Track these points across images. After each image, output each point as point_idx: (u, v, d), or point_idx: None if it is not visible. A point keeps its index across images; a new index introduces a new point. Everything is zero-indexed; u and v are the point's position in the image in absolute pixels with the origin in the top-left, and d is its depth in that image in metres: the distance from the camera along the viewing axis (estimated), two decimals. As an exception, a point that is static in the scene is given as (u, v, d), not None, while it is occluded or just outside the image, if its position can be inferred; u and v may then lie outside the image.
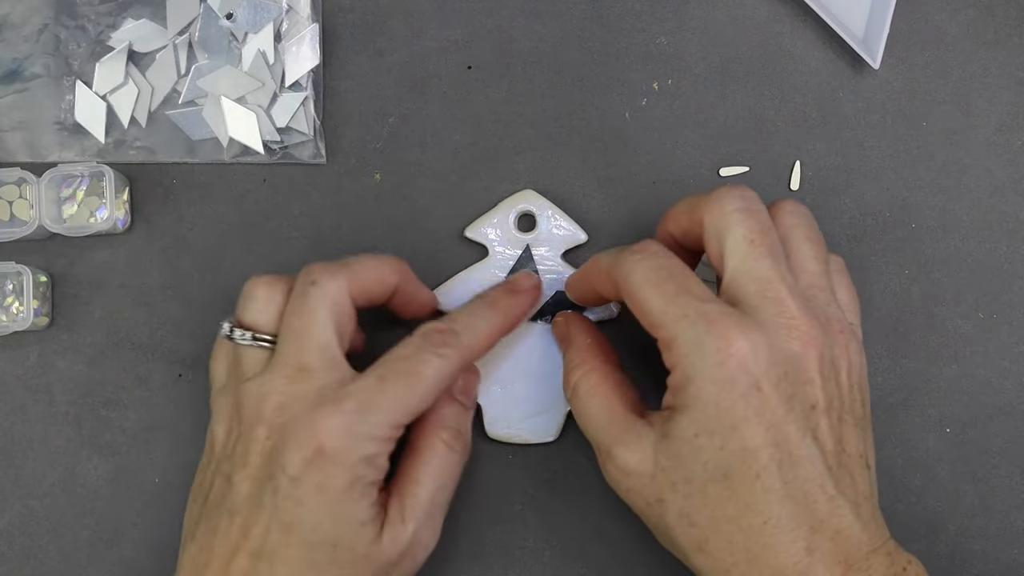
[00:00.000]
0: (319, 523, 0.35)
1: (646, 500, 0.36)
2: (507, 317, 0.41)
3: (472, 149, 0.46)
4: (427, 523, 0.38)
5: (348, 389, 0.36)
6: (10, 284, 0.45)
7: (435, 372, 0.37)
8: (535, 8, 0.47)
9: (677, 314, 0.35)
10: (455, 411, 0.40)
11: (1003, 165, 0.46)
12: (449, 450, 0.39)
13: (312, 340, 0.37)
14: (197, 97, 0.45)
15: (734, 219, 0.36)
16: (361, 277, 0.38)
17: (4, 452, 0.45)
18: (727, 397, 0.33)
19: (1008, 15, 0.47)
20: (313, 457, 0.35)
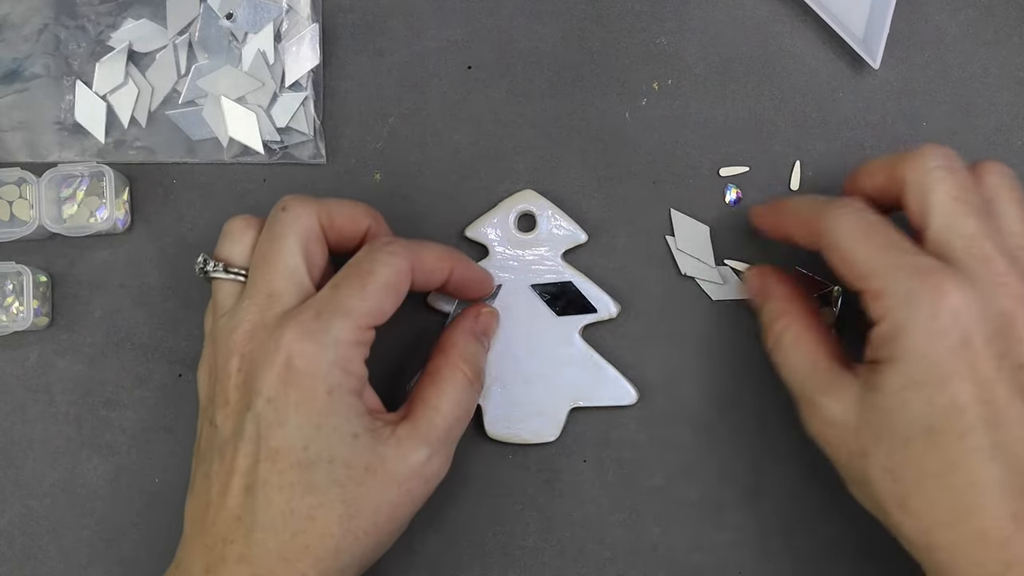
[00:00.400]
0: (308, 440, 0.35)
1: (849, 452, 0.35)
2: (460, 259, 0.40)
3: (472, 149, 0.46)
4: (440, 450, 0.38)
5: (306, 303, 0.36)
6: (10, 284, 0.45)
7: (386, 268, 0.37)
8: (535, 8, 0.47)
9: (888, 265, 0.34)
10: (477, 348, 0.41)
11: (1003, 165, 0.46)
12: (469, 384, 0.39)
13: (279, 265, 0.37)
14: (197, 97, 0.45)
15: (937, 176, 0.35)
16: (332, 210, 0.38)
17: (4, 452, 0.45)
18: (938, 350, 0.33)
19: (1008, 15, 0.47)
20: (284, 373, 0.35)
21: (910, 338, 0.33)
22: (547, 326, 0.44)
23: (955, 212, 0.35)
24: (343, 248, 0.40)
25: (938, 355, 0.33)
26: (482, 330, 0.42)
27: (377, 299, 0.36)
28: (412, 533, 0.44)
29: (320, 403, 0.35)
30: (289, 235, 0.37)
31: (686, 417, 0.45)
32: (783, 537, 0.44)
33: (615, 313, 0.44)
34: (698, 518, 0.44)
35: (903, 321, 0.34)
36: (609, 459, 0.45)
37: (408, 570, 0.44)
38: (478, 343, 0.41)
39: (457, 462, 0.45)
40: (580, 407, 0.44)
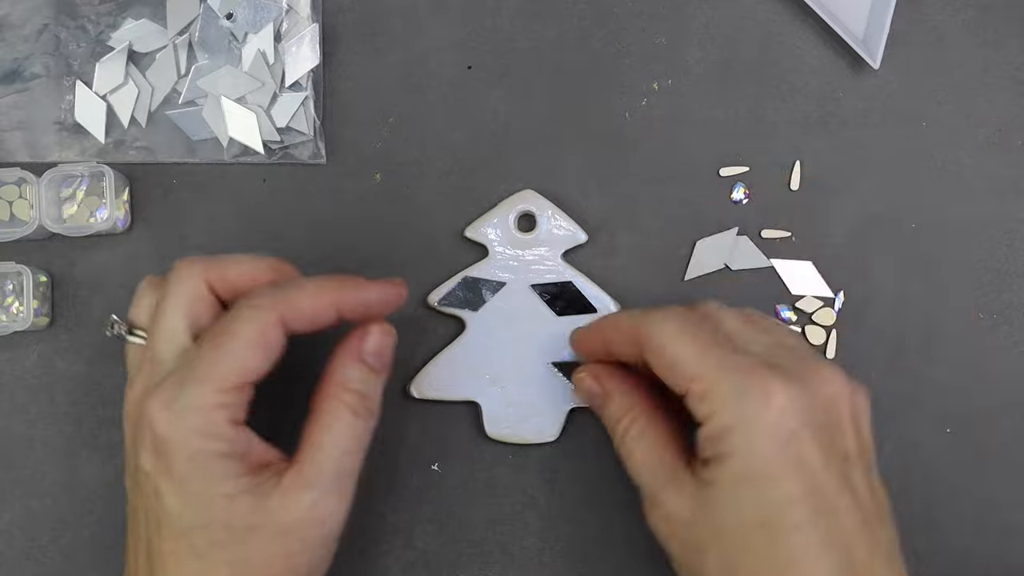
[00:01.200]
0: (181, 510, 0.34)
1: (685, 547, 0.36)
2: (344, 288, 0.37)
3: (472, 149, 0.46)
4: (331, 490, 0.36)
5: (171, 368, 0.35)
6: (10, 284, 0.45)
7: (248, 325, 0.35)
8: (535, 8, 0.47)
9: (714, 365, 0.35)
10: (360, 373, 0.37)
11: (1003, 165, 0.46)
12: (352, 414, 0.37)
13: (161, 331, 0.36)
14: (197, 97, 0.45)
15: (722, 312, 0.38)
16: (226, 268, 0.37)
17: (4, 452, 0.45)
18: (767, 447, 0.33)
19: (1008, 15, 0.47)
20: (152, 444, 0.34)
21: (739, 435, 0.34)
22: (547, 326, 0.44)
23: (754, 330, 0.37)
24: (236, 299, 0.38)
25: (767, 451, 0.33)
26: (372, 351, 0.38)
27: (238, 359, 0.35)
28: (412, 532, 0.44)
29: (183, 471, 0.34)
30: (171, 298, 0.36)
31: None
32: (783, 537, 0.44)
33: (615, 313, 0.44)
34: (698, 518, 0.44)
35: (732, 419, 0.34)
36: (609, 459, 0.45)
37: (408, 569, 0.44)
38: (364, 366, 0.38)
39: (457, 462, 0.45)
40: (580, 407, 0.44)
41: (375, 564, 0.44)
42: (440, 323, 0.45)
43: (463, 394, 0.44)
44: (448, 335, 0.45)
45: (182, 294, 0.36)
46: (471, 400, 0.44)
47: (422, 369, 0.44)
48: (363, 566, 0.44)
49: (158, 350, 0.36)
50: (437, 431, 0.45)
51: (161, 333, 0.36)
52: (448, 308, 0.44)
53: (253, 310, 0.35)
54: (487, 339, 0.44)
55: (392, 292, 0.39)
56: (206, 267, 0.37)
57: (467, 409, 0.45)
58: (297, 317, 0.36)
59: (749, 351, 0.36)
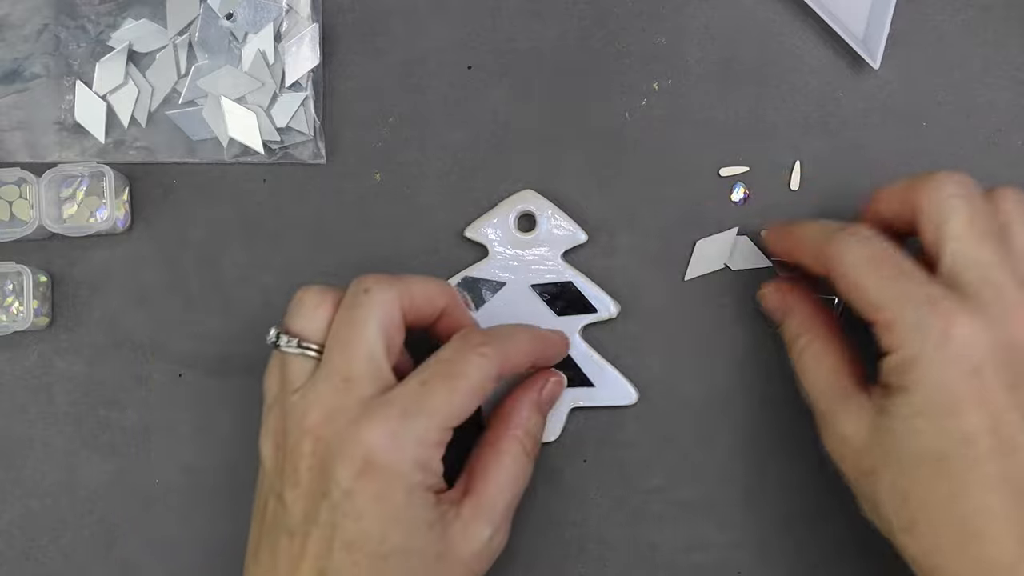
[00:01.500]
0: (385, 534, 0.35)
1: (859, 470, 0.36)
2: (540, 337, 0.41)
3: (472, 149, 0.46)
4: (502, 526, 0.38)
5: (391, 395, 0.36)
6: (10, 284, 0.45)
7: (477, 371, 0.37)
8: (535, 8, 0.47)
9: (898, 295, 0.34)
10: (538, 417, 0.41)
11: (1003, 165, 0.46)
12: (527, 457, 0.39)
13: (359, 350, 0.36)
14: (197, 97, 0.45)
15: (953, 205, 0.35)
16: (413, 292, 0.38)
17: (4, 452, 0.45)
18: (948, 380, 0.33)
19: (1008, 15, 0.47)
20: (363, 468, 0.34)
21: (920, 368, 0.33)
22: (547, 326, 0.44)
23: (969, 241, 0.35)
24: (417, 327, 0.40)
25: (949, 385, 0.33)
26: (547, 399, 0.41)
27: (464, 403, 0.36)
28: (412, 533, 0.44)
29: (399, 500, 0.35)
30: (371, 320, 0.36)
31: (686, 417, 0.45)
32: (783, 537, 0.44)
33: (615, 313, 0.44)
34: (698, 518, 0.44)
35: (913, 351, 0.34)
36: (609, 459, 0.45)
37: (408, 570, 0.44)
38: (540, 415, 0.41)
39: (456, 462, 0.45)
40: (580, 407, 0.44)
41: None
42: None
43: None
44: (448, 335, 0.45)
45: (381, 316, 0.37)
46: None
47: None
48: (363, 566, 0.44)
49: (354, 370, 0.36)
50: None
51: (359, 353, 0.36)
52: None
53: (483, 359, 0.37)
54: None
55: (564, 346, 0.43)
56: (400, 290, 0.37)
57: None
58: (509, 368, 0.38)
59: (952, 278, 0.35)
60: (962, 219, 0.35)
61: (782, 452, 0.44)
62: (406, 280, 0.38)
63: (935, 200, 0.36)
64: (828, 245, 0.37)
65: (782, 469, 0.44)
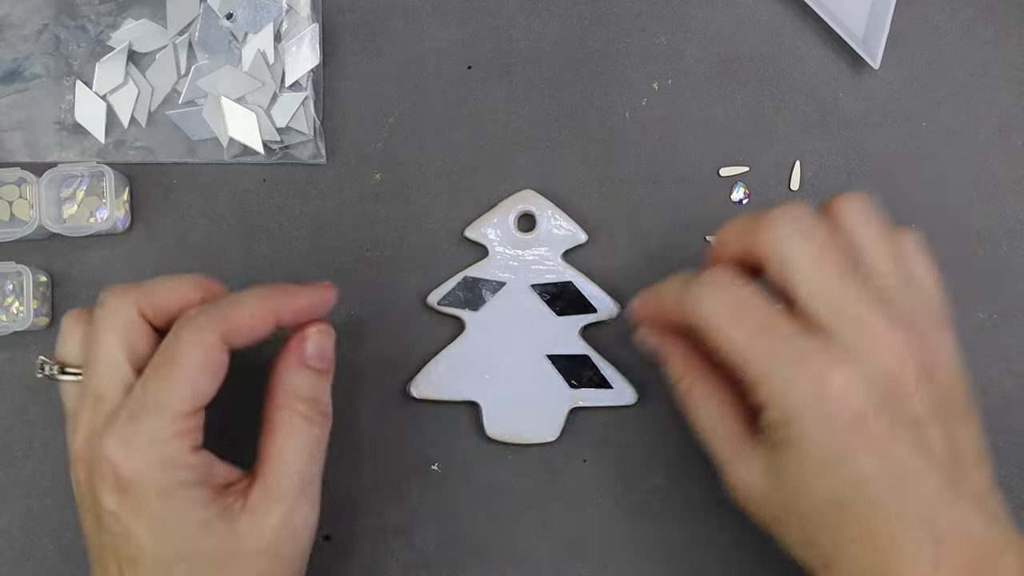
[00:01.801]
0: (157, 545, 0.34)
1: (764, 517, 0.36)
2: (278, 297, 0.37)
3: (472, 149, 0.46)
4: (300, 501, 0.36)
5: (122, 403, 0.35)
6: (10, 284, 0.45)
7: (193, 348, 0.35)
8: (535, 8, 0.47)
9: (764, 352, 0.33)
10: (308, 379, 0.37)
11: (1003, 165, 0.46)
12: (308, 423, 0.36)
13: (100, 364, 0.35)
14: (197, 97, 0.45)
15: (793, 245, 0.34)
16: (155, 293, 0.36)
17: (4, 452, 0.45)
18: (832, 434, 0.33)
19: (1008, 15, 0.47)
20: (115, 483, 0.34)
21: (802, 426, 0.33)
22: (547, 326, 0.44)
23: (818, 280, 0.34)
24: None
25: (834, 438, 0.33)
26: (314, 354, 0.38)
27: (188, 385, 0.34)
28: (412, 532, 0.44)
29: (155, 506, 0.34)
30: (108, 331, 0.35)
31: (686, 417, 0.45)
32: (783, 537, 0.44)
33: (615, 313, 0.44)
34: (698, 518, 0.44)
35: (791, 409, 0.33)
36: (609, 459, 0.45)
37: (408, 569, 0.44)
38: (308, 371, 0.37)
39: (457, 462, 0.45)
40: (580, 407, 0.44)
41: (375, 564, 0.44)
42: (440, 323, 0.45)
43: (463, 394, 0.44)
44: (448, 335, 0.45)
45: (117, 325, 0.36)
46: (471, 400, 0.44)
47: (422, 369, 0.44)
48: (363, 566, 0.44)
49: (99, 385, 0.35)
50: (437, 431, 0.45)
51: (100, 367, 0.35)
52: (448, 308, 0.44)
53: (195, 332, 0.35)
54: (487, 339, 0.44)
55: (323, 295, 0.38)
56: (136, 295, 0.36)
57: (467, 409, 0.45)
58: (238, 332, 0.36)
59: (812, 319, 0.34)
60: (806, 259, 0.34)
61: (782, 452, 0.44)
62: (146, 284, 0.37)
63: (774, 243, 0.35)
64: (685, 297, 0.35)
65: (782, 469, 0.44)
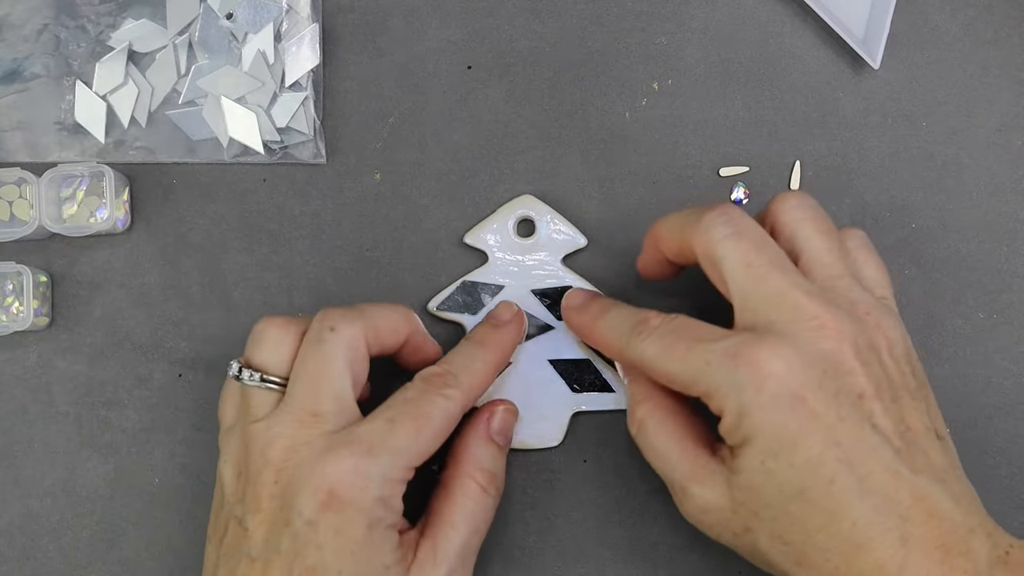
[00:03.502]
0: (343, 566, 0.35)
1: (732, 532, 0.36)
2: (498, 351, 0.41)
3: (472, 149, 0.46)
4: (459, 566, 0.38)
5: (357, 432, 0.36)
6: (10, 284, 0.45)
7: (441, 413, 0.37)
8: (535, 8, 0.47)
9: (700, 366, 0.35)
10: (491, 452, 0.40)
11: (1003, 165, 0.46)
12: (484, 493, 0.39)
13: (327, 386, 0.37)
14: (197, 97, 0.45)
15: (726, 247, 0.36)
16: (377, 325, 0.38)
17: (4, 452, 0.45)
18: (777, 417, 0.33)
19: (1008, 15, 0.47)
20: (327, 501, 0.35)
21: (751, 418, 0.34)
22: (548, 331, 0.44)
23: (750, 277, 0.35)
24: (382, 355, 0.40)
25: (779, 421, 0.33)
26: (498, 430, 0.41)
27: (429, 443, 0.37)
28: (412, 533, 0.44)
29: (360, 535, 0.35)
30: (338, 357, 0.37)
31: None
32: (783, 537, 0.44)
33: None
34: (698, 518, 0.44)
35: (738, 407, 0.34)
36: (609, 460, 0.45)
37: (408, 570, 0.44)
38: (493, 445, 0.40)
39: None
40: (582, 411, 0.44)
41: None
42: (440, 325, 0.45)
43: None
44: (448, 338, 0.45)
45: (347, 353, 0.37)
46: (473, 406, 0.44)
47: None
48: (363, 566, 0.44)
49: (323, 408, 0.36)
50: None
51: (328, 392, 0.37)
52: (447, 313, 0.44)
53: (448, 401, 0.38)
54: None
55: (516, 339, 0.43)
56: (364, 324, 0.38)
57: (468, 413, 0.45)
58: (472, 402, 0.39)
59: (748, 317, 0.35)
60: (739, 259, 0.35)
61: (782, 452, 0.44)
62: (369, 312, 0.39)
63: (707, 246, 0.36)
64: (628, 353, 0.38)
65: (782, 469, 0.44)
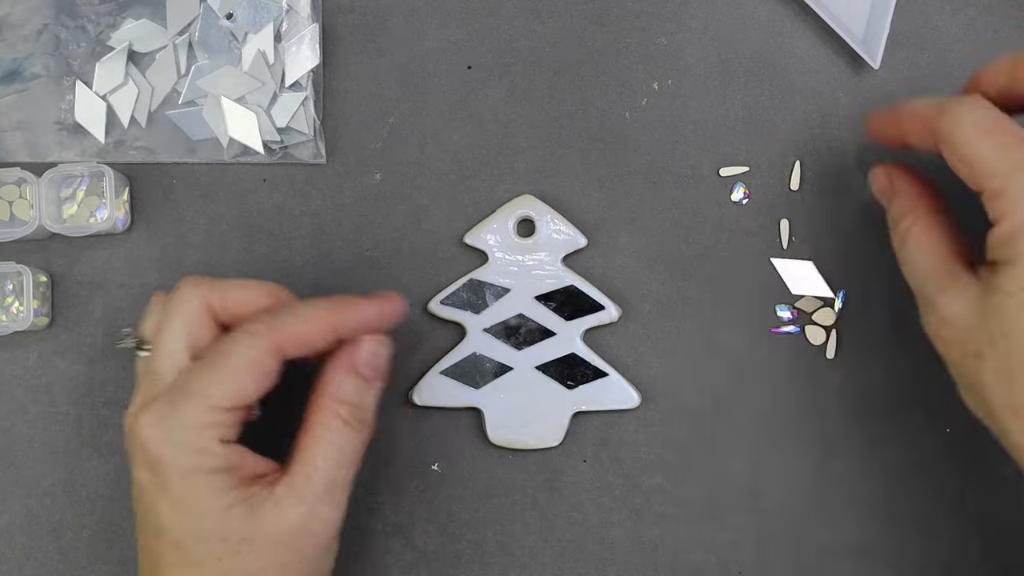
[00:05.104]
0: (177, 522, 0.35)
1: (963, 353, 0.34)
2: (335, 312, 0.38)
3: (472, 149, 0.46)
4: (324, 501, 0.36)
5: (168, 385, 0.36)
6: (10, 284, 0.45)
7: (245, 350, 0.36)
8: (535, 8, 0.47)
9: (1010, 163, 0.33)
10: (354, 384, 0.37)
11: (1003, 165, 0.46)
12: (346, 426, 0.37)
13: (161, 347, 0.37)
14: (197, 97, 0.45)
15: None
16: (227, 291, 0.38)
17: (4, 452, 0.45)
18: None
19: (1008, 15, 0.47)
20: (144, 459, 0.35)
21: None
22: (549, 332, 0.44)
23: None
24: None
25: None
26: (365, 361, 0.38)
27: (230, 383, 0.35)
28: (412, 532, 0.44)
29: (177, 486, 0.35)
30: (175, 318, 0.37)
31: (686, 417, 0.45)
32: (783, 537, 0.44)
33: (616, 317, 0.44)
34: (698, 518, 0.44)
35: (1021, 220, 0.32)
36: (609, 459, 0.45)
37: (408, 569, 0.44)
38: (358, 378, 0.38)
39: (457, 462, 0.45)
40: (581, 411, 0.44)
41: (375, 564, 0.44)
42: (440, 326, 0.45)
43: (466, 400, 0.44)
44: (448, 337, 0.45)
45: (184, 314, 0.37)
46: (474, 407, 0.44)
47: (423, 377, 0.44)
48: (363, 566, 0.44)
49: (157, 366, 0.37)
50: (439, 435, 0.45)
51: (162, 350, 0.37)
52: (450, 310, 0.44)
53: (249, 336, 0.36)
54: (488, 345, 0.44)
55: (388, 307, 0.39)
56: (208, 289, 0.38)
57: (469, 413, 0.45)
58: (293, 344, 0.36)
59: None
60: None
61: (782, 452, 0.44)
62: (220, 280, 0.38)
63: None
64: (941, 116, 0.35)
65: (782, 469, 0.44)
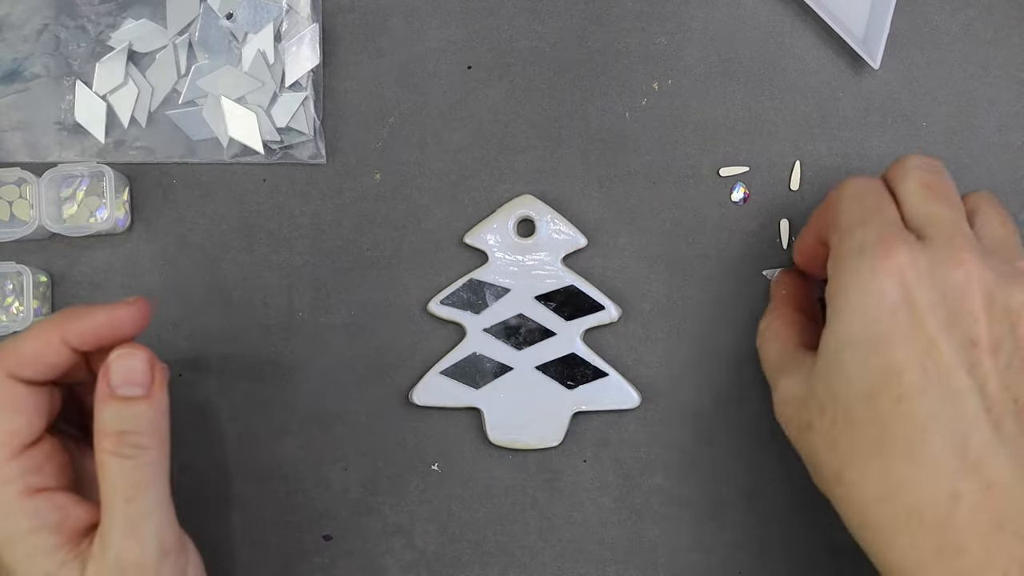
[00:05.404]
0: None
1: (799, 427, 0.35)
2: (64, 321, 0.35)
3: (472, 149, 0.46)
4: (128, 541, 0.34)
5: None
6: (10, 284, 0.45)
7: None
8: (535, 8, 0.47)
9: (860, 218, 0.33)
10: (115, 410, 0.35)
11: (1003, 165, 0.46)
12: (117, 457, 0.34)
13: None
14: (197, 97, 0.45)
15: (913, 172, 0.35)
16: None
17: (4, 452, 0.45)
18: (873, 308, 0.31)
19: (1008, 15, 0.47)
20: None
21: (850, 295, 0.32)
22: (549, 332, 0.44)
23: (925, 198, 0.34)
24: None
25: (875, 314, 0.31)
26: (121, 382, 0.35)
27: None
28: (412, 532, 0.44)
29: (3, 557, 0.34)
30: None
31: (686, 417, 0.45)
32: (783, 537, 0.44)
33: (616, 317, 0.44)
34: (698, 518, 0.44)
35: (847, 276, 0.32)
36: (609, 459, 0.45)
37: (408, 569, 0.44)
38: (118, 403, 0.35)
39: (457, 462, 0.45)
40: (582, 411, 0.44)
41: (375, 564, 0.44)
42: (440, 326, 0.45)
43: (466, 400, 0.44)
44: (448, 337, 0.45)
45: None
46: (474, 407, 0.44)
47: (423, 378, 0.44)
48: (363, 566, 0.44)
49: None
50: (439, 435, 0.45)
51: None
52: (450, 310, 0.44)
53: None
54: (488, 345, 0.44)
55: (127, 313, 0.36)
56: None
57: (469, 413, 0.45)
58: (27, 365, 0.35)
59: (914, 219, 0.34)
60: (920, 180, 0.35)
61: (782, 452, 0.44)
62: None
63: (898, 170, 0.36)
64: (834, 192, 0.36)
65: (782, 469, 0.44)
